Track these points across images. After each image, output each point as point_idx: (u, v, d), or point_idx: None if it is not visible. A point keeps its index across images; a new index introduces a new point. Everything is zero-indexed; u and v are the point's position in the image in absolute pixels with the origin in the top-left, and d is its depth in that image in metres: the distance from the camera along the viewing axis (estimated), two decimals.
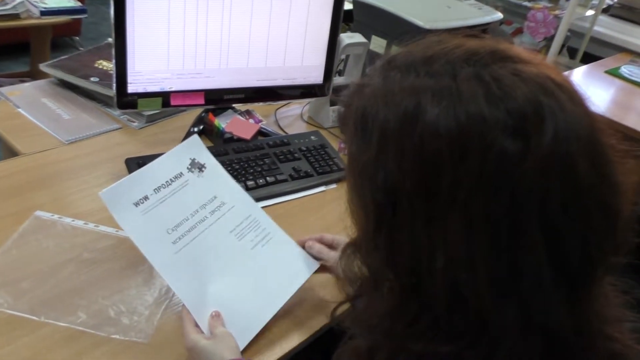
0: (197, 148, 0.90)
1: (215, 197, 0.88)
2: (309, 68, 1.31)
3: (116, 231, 0.99)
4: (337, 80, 1.43)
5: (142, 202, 0.82)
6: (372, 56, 1.47)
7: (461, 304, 0.48)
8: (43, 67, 1.41)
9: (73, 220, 1.00)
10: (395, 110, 0.48)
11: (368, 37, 1.46)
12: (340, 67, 1.52)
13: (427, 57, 0.50)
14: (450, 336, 0.49)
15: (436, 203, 0.47)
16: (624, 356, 0.52)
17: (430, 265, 0.48)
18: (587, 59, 2.51)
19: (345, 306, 0.69)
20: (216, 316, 0.80)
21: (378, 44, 1.52)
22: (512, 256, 0.46)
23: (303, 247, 0.90)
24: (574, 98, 0.48)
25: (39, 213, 1.00)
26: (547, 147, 0.44)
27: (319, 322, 0.88)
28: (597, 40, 2.61)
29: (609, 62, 2.38)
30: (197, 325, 0.79)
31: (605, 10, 2.64)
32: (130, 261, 0.94)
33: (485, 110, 0.45)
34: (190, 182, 0.87)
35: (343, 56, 1.44)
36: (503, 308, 0.47)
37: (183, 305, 0.80)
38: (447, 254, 0.47)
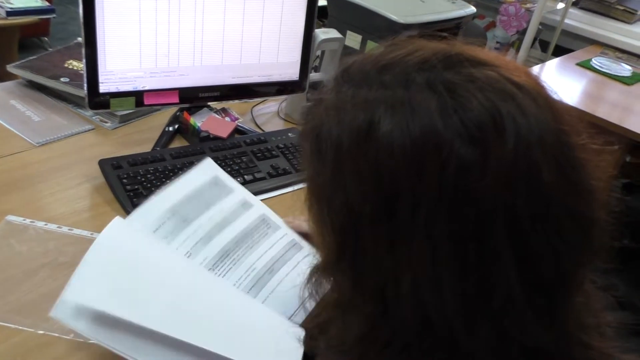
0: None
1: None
2: (285, 64, 1.30)
3: (91, 234, 0.97)
4: (314, 76, 1.42)
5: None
6: (347, 51, 1.47)
7: (431, 327, 0.45)
8: (10, 68, 1.37)
9: (46, 224, 0.97)
10: (349, 128, 0.45)
11: (343, 33, 1.46)
12: (316, 63, 1.52)
13: (381, 66, 0.47)
14: (422, 358, 0.47)
15: (398, 225, 0.44)
16: None
17: (397, 289, 0.45)
18: (559, 51, 2.55)
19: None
20: None
21: (353, 39, 1.52)
22: (481, 275, 0.43)
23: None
24: (538, 99, 0.44)
25: (10, 218, 0.97)
26: (509, 157, 0.41)
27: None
28: (568, 33, 2.66)
29: (580, 55, 2.42)
30: None
31: (575, 4, 2.68)
32: None
33: (439, 124, 0.42)
34: None
35: (319, 52, 1.44)
36: (475, 328, 0.45)
37: None
38: (413, 276, 0.44)
